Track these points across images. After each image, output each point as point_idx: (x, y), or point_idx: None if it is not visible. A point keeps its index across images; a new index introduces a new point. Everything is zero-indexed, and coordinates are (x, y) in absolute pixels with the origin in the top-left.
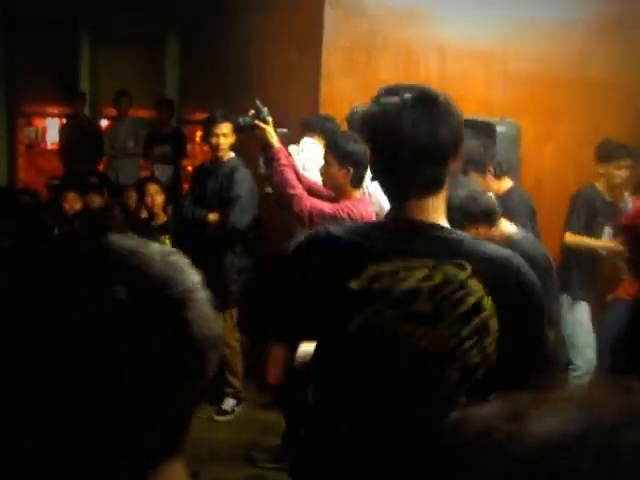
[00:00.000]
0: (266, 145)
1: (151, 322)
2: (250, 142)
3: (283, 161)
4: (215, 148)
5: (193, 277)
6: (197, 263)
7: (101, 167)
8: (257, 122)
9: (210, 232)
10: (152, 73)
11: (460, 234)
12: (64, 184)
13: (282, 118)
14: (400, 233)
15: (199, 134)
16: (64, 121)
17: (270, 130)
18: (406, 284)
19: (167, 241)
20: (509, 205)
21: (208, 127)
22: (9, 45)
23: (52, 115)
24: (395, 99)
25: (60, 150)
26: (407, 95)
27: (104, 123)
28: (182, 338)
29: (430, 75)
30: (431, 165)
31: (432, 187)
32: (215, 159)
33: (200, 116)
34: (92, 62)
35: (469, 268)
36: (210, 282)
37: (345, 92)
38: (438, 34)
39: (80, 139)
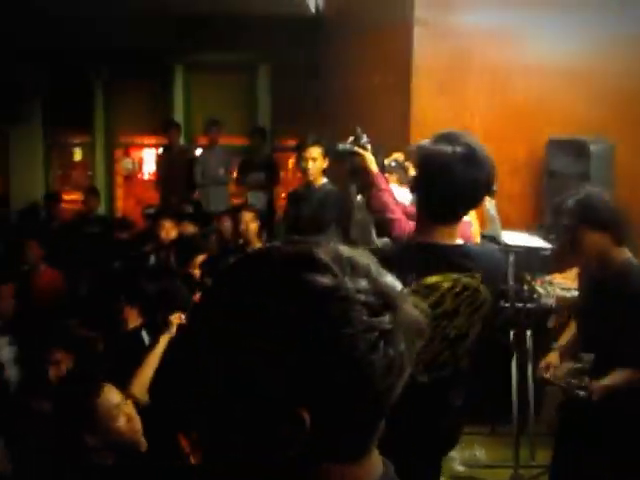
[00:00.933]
0: (363, 171)
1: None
2: (341, 168)
3: (383, 186)
4: (305, 172)
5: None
6: None
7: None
8: (356, 149)
9: None
10: (245, 101)
11: (471, 248)
12: (160, 213)
13: (373, 142)
14: (433, 254)
15: (291, 161)
16: (159, 151)
17: (369, 156)
18: (437, 293)
19: None
20: None
21: (299, 151)
22: (108, 79)
23: (148, 146)
24: (448, 149)
25: (156, 180)
26: (458, 149)
27: (199, 152)
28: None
29: (517, 94)
30: (468, 205)
31: (461, 219)
32: (308, 184)
33: (292, 143)
34: (186, 92)
35: (479, 277)
36: None
37: (435, 112)
38: (525, 53)
39: (175, 169)
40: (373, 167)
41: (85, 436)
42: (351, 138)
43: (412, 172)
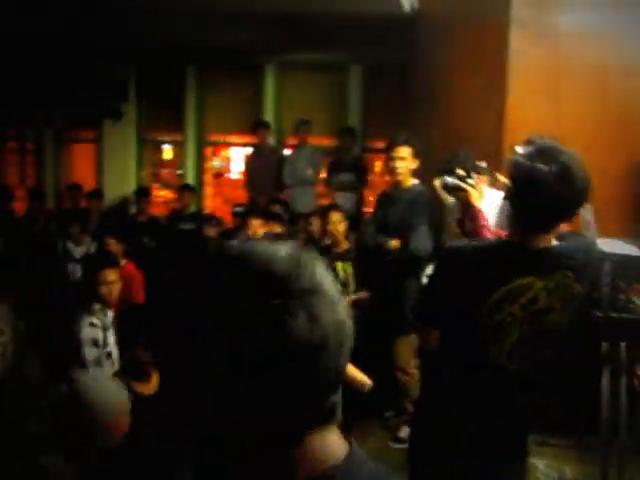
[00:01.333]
0: (467, 205)
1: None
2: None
3: (482, 222)
4: (393, 172)
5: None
6: (378, 289)
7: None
8: (463, 185)
9: (392, 258)
10: (335, 102)
11: (563, 248)
12: (248, 212)
13: (467, 143)
14: (529, 257)
15: (378, 164)
16: (247, 150)
17: (474, 192)
18: (531, 293)
19: (349, 268)
20: None
21: (388, 150)
22: (200, 77)
23: (237, 145)
24: (544, 169)
25: (245, 179)
26: (554, 168)
27: (288, 152)
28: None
29: (617, 95)
30: (561, 220)
31: (555, 229)
32: (397, 184)
33: (382, 145)
34: (276, 92)
35: (572, 275)
36: (390, 308)
37: (531, 114)
38: (625, 53)
39: (264, 168)
40: (478, 203)
41: None
42: (459, 171)
43: (502, 178)
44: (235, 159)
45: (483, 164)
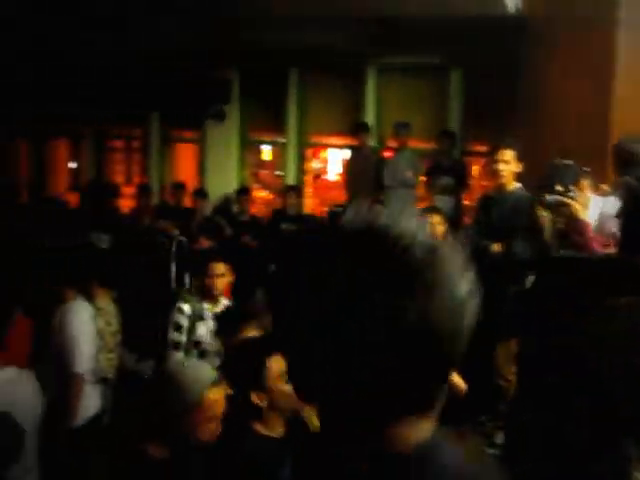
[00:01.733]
0: (572, 219)
1: None
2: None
3: (589, 235)
4: (496, 175)
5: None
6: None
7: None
8: (565, 200)
9: (494, 262)
10: (435, 105)
11: None
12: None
13: (571, 147)
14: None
15: (475, 167)
16: (345, 152)
17: (577, 206)
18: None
19: None
20: None
21: (493, 153)
22: (302, 79)
23: (338, 146)
24: None
25: (344, 180)
26: None
27: (388, 154)
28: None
29: None
30: None
31: None
32: (500, 188)
33: (481, 148)
34: (377, 94)
35: None
36: (490, 313)
37: (637, 118)
38: None
39: (364, 170)
40: (582, 215)
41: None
42: (558, 187)
43: (604, 187)
44: (332, 160)
45: (587, 169)
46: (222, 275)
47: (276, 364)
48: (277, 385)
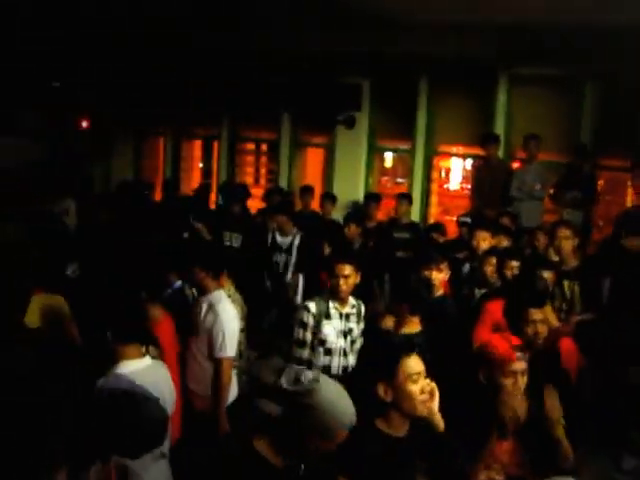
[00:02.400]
0: None
1: None
2: None
3: None
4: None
5: None
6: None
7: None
8: None
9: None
10: (567, 117)
11: None
12: (476, 224)
13: None
14: None
15: (600, 182)
16: (468, 162)
17: None
18: None
19: (576, 287)
20: None
21: (635, 170)
22: (432, 87)
23: (462, 156)
24: None
25: (471, 190)
26: None
27: (517, 166)
28: None
29: None
30: None
31: None
32: None
33: (613, 163)
34: (508, 105)
35: None
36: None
37: None
38: None
39: (492, 181)
40: None
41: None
42: None
43: None
44: (455, 170)
45: None
46: (347, 276)
47: (410, 365)
48: (405, 384)
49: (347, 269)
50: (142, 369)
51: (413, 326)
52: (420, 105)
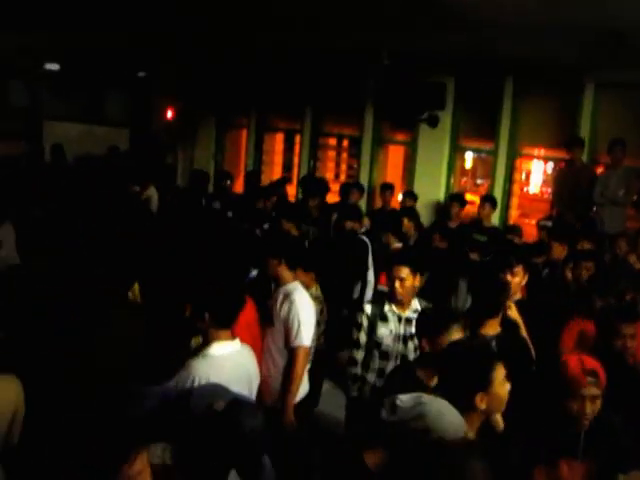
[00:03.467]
0: None
1: None
2: None
3: None
4: None
5: None
6: None
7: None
8: None
9: None
10: None
11: None
12: (555, 229)
13: None
14: None
15: None
16: (549, 165)
17: None
18: None
19: None
20: None
21: None
22: (517, 88)
23: (544, 159)
24: None
25: (553, 194)
26: None
27: (600, 171)
28: None
29: None
30: None
31: None
32: None
33: None
34: (594, 110)
35: None
36: None
37: None
38: None
39: (575, 185)
40: None
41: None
42: None
43: None
44: (536, 172)
45: None
46: (404, 279)
47: (501, 370)
48: (500, 389)
49: (404, 271)
50: (233, 352)
51: (492, 328)
52: (505, 106)
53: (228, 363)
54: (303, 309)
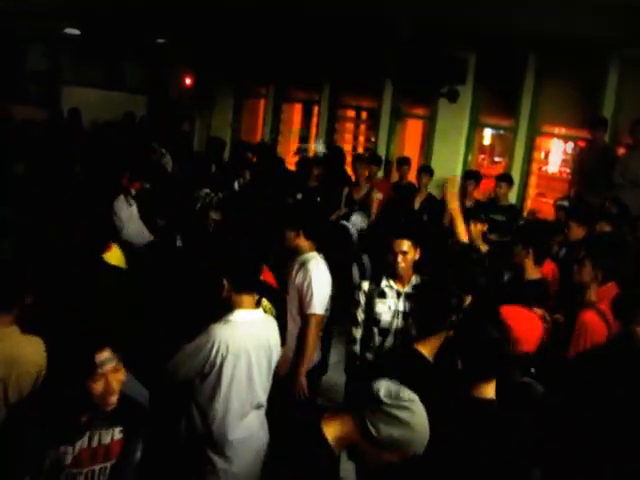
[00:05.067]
0: None
1: None
2: None
3: None
4: None
5: None
6: None
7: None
8: None
9: None
10: None
11: None
12: (572, 210)
13: None
14: None
15: None
16: (569, 145)
17: None
18: None
19: None
20: None
21: None
22: (539, 65)
23: (564, 138)
24: None
25: (574, 174)
26: None
27: (621, 151)
28: None
29: None
30: None
31: None
32: None
33: None
34: (618, 88)
35: None
36: None
37: None
38: None
39: (595, 165)
40: None
41: None
42: None
43: None
44: (555, 151)
45: None
46: (405, 252)
47: None
48: None
49: (405, 245)
50: (255, 320)
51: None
52: (526, 83)
53: (249, 330)
54: (317, 278)
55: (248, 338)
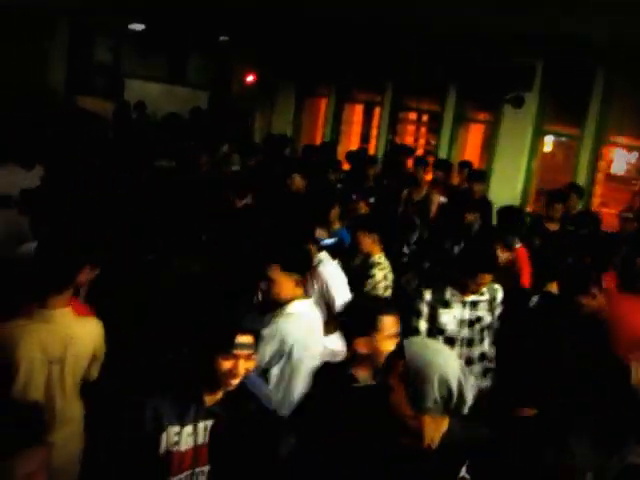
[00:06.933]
0: None
1: None
2: None
3: None
4: None
5: None
6: None
7: None
8: None
9: None
10: None
11: None
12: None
13: None
14: None
15: None
16: (633, 155)
17: None
18: None
19: None
20: None
21: None
22: (608, 77)
23: (624, 147)
24: None
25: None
26: None
27: None
28: None
29: None
30: None
31: None
32: None
33: None
34: None
35: None
36: None
37: None
38: None
39: None
40: None
41: None
42: None
43: None
44: (619, 161)
45: None
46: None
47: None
48: None
49: (488, 278)
50: (309, 309)
51: None
52: (594, 92)
53: (307, 319)
54: (332, 278)
55: (306, 327)
